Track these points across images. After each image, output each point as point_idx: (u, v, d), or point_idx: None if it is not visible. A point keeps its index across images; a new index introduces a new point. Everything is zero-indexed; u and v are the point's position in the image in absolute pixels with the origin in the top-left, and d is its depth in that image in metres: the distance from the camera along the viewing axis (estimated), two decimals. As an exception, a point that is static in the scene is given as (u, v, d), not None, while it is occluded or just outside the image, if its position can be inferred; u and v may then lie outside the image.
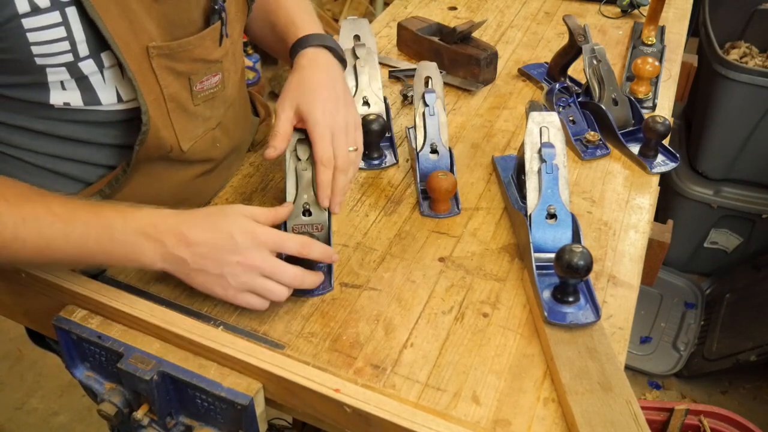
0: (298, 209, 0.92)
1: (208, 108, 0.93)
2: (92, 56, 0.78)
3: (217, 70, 0.91)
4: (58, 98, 0.80)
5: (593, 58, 1.23)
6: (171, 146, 0.89)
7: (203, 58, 0.88)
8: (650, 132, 1.13)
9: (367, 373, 0.81)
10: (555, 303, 0.87)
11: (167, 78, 0.84)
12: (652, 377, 2.17)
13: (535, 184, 0.94)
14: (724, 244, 2.36)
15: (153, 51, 0.80)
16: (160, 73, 0.83)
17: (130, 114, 0.85)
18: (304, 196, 0.93)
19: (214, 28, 0.87)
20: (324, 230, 0.93)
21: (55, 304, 0.86)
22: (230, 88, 0.97)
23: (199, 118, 0.92)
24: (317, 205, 0.93)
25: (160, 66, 0.82)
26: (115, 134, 0.87)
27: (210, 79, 0.91)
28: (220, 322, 0.87)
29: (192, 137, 0.92)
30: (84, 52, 0.76)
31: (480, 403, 0.78)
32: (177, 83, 0.86)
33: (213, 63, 0.90)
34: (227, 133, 1.00)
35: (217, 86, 0.93)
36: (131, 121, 0.85)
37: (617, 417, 0.74)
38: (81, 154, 0.87)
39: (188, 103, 0.89)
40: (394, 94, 1.35)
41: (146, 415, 0.82)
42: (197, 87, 0.89)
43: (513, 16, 1.66)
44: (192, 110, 0.90)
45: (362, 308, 0.89)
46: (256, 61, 3.28)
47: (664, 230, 1.09)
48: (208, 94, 0.92)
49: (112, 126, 0.86)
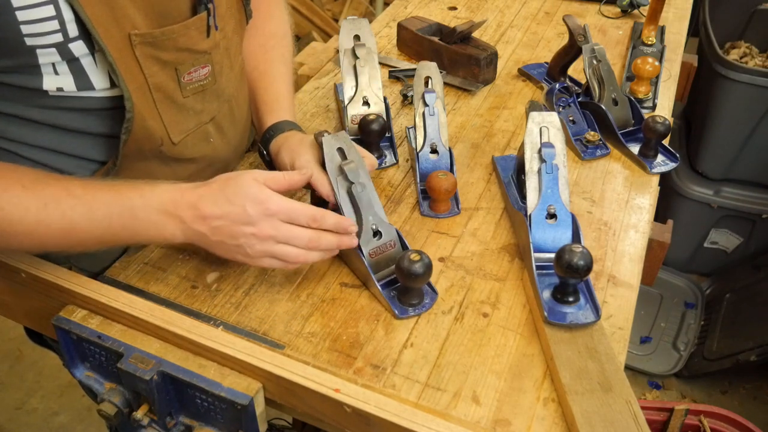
0: (368, 233, 0.90)
1: (199, 101, 0.93)
2: (82, 38, 0.78)
3: (205, 62, 0.91)
4: (51, 83, 0.80)
5: (593, 58, 1.23)
6: (161, 138, 0.89)
7: (189, 48, 0.88)
8: (650, 132, 1.13)
9: (367, 373, 0.81)
10: (555, 303, 0.87)
11: (152, 67, 0.84)
12: (652, 377, 2.17)
13: (535, 184, 0.94)
14: (724, 244, 2.36)
15: (135, 39, 0.81)
16: (144, 62, 0.83)
17: (122, 101, 0.85)
18: (369, 218, 0.90)
19: (200, 18, 0.88)
20: (397, 245, 0.92)
21: (55, 304, 0.87)
22: (222, 82, 0.96)
23: (190, 110, 0.92)
24: (383, 223, 0.91)
25: (144, 54, 0.83)
26: (109, 124, 0.87)
27: (198, 70, 0.91)
28: (220, 322, 0.87)
29: (183, 130, 0.92)
30: (73, 33, 0.77)
31: (480, 403, 0.78)
32: (163, 73, 0.86)
33: (200, 54, 0.90)
34: (221, 130, 1.00)
35: (207, 78, 0.93)
36: (123, 109, 0.85)
37: (617, 417, 0.74)
38: (75, 146, 0.87)
39: (176, 95, 0.89)
40: (394, 94, 1.35)
41: (146, 415, 0.82)
42: (185, 78, 0.89)
43: (513, 16, 1.66)
44: (181, 102, 0.90)
45: (362, 308, 0.89)
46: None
47: (664, 230, 1.09)
48: (197, 86, 0.92)
49: (106, 114, 0.86)
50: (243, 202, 0.81)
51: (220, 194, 0.81)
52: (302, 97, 1.34)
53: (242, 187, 0.81)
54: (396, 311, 0.87)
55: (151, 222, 0.81)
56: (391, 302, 0.88)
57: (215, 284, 0.92)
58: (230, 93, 1.00)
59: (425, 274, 0.83)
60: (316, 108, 1.30)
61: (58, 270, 0.87)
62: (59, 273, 0.86)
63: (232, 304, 0.90)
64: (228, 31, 0.95)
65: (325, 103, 1.31)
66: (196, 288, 0.92)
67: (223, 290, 0.91)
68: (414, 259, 0.83)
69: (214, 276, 0.93)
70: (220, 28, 0.92)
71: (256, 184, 0.82)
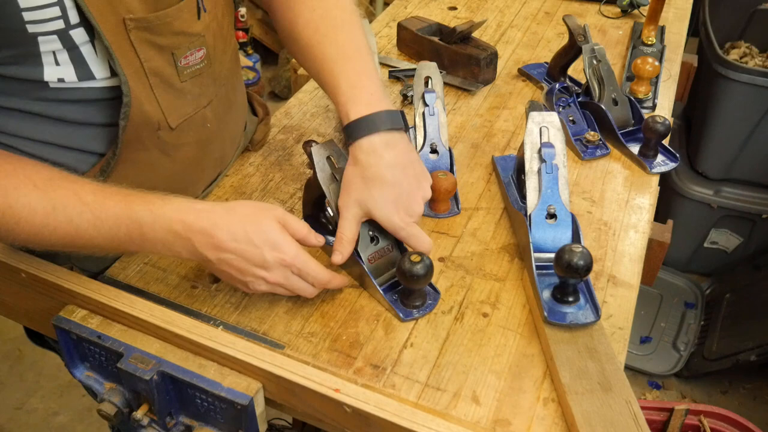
0: (365, 239, 0.90)
1: (197, 85, 0.93)
2: (82, 24, 0.78)
3: (200, 45, 0.91)
4: (52, 74, 0.80)
5: (593, 58, 1.23)
6: (158, 122, 0.89)
7: (183, 31, 0.87)
8: (650, 132, 1.13)
9: (367, 372, 0.81)
10: (555, 303, 0.87)
11: (148, 52, 0.84)
12: (652, 377, 2.17)
13: (535, 184, 0.94)
14: (724, 244, 2.36)
15: (130, 23, 0.81)
16: (140, 47, 0.83)
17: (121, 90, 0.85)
18: (366, 226, 0.90)
19: (191, 0, 0.87)
20: (395, 248, 0.92)
21: (55, 304, 0.87)
22: (217, 66, 0.96)
23: (188, 95, 0.92)
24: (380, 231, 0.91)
25: (139, 39, 0.82)
26: (109, 113, 0.87)
27: (194, 53, 0.90)
28: (220, 322, 0.87)
29: (181, 114, 0.92)
30: (74, 19, 0.77)
31: (480, 403, 0.78)
32: (160, 57, 0.86)
33: (195, 36, 0.90)
34: (218, 114, 1.00)
35: (203, 61, 0.92)
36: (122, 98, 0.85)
37: (617, 417, 0.74)
38: (76, 139, 0.87)
39: (174, 79, 0.89)
40: (394, 94, 1.35)
41: (146, 415, 0.82)
42: (182, 62, 0.89)
43: (513, 16, 1.66)
44: (179, 86, 0.90)
45: (362, 308, 0.89)
46: (256, 61, 3.28)
47: (664, 230, 1.09)
48: (194, 70, 0.91)
49: (106, 104, 0.86)
50: (262, 246, 0.80)
51: (239, 228, 0.80)
52: (302, 97, 1.34)
53: (264, 229, 0.81)
54: (401, 314, 0.87)
55: (158, 241, 0.80)
56: (394, 305, 0.88)
57: (215, 284, 0.92)
58: (225, 76, 1.00)
59: (427, 275, 0.83)
60: (315, 108, 1.30)
61: (58, 270, 0.87)
62: (59, 273, 0.86)
63: (232, 304, 0.90)
64: (217, 13, 0.95)
65: (325, 103, 1.31)
66: (196, 288, 0.92)
67: (223, 290, 0.91)
68: (415, 261, 0.83)
69: (214, 276, 0.93)
70: (209, 10, 0.92)
71: (278, 228, 0.81)
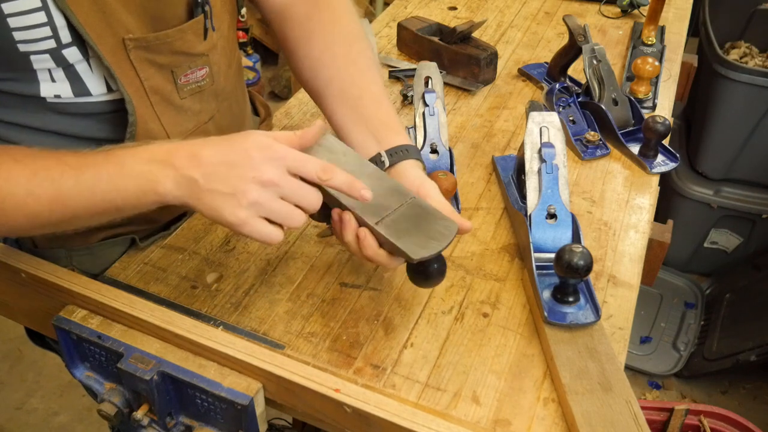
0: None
1: (197, 101, 0.92)
2: (75, 44, 0.77)
3: (202, 64, 0.90)
4: (48, 90, 0.80)
5: (593, 58, 1.23)
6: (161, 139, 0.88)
7: (185, 51, 0.87)
8: (650, 132, 1.13)
9: (367, 373, 0.81)
10: (555, 303, 0.87)
11: (148, 70, 0.84)
12: (652, 377, 2.17)
13: (535, 184, 0.94)
14: (724, 244, 2.36)
15: (129, 43, 0.80)
16: (139, 66, 0.82)
17: (120, 105, 0.85)
18: None
19: (197, 21, 0.87)
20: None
21: (55, 304, 0.87)
22: (221, 81, 0.96)
23: (188, 111, 0.91)
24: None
25: (139, 58, 0.82)
26: (108, 128, 0.86)
27: (195, 72, 0.90)
28: (220, 322, 0.87)
29: (182, 131, 0.92)
30: (66, 39, 0.76)
31: (480, 403, 0.78)
32: (159, 76, 0.85)
33: (197, 56, 0.89)
34: (220, 129, 0.99)
35: (205, 80, 0.92)
36: (121, 112, 0.85)
37: (617, 417, 0.74)
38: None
39: (174, 96, 0.89)
40: (394, 94, 1.35)
41: (146, 415, 0.82)
42: (182, 80, 0.88)
43: (513, 16, 1.66)
44: (179, 103, 0.90)
45: (362, 308, 0.89)
46: (256, 61, 3.28)
47: (664, 230, 1.09)
48: (194, 87, 0.91)
49: (104, 118, 0.86)
50: (246, 146, 0.72)
51: (221, 141, 0.74)
52: (302, 97, 1.34)
53: (247, 135, 0.73)
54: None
55: (140, 175, 0.72)
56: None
57: (215, 284, 0.92)
58: (229, 91, 1.00)
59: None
60: (316, 108, 1.30)
61: (58, 270, 0.87)
62: (59, 273, 0.86)
63: (232, 304, 0.90)
64: (224, 29, 0.95)
65: (325, 103, 1.31)
66: (196, 288, 0.92)
67: (223, 290, 0.91)
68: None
69: (214, 276, 0.93)
70: (217, 28, 0.91)
71: (264, 135, 0.75)
